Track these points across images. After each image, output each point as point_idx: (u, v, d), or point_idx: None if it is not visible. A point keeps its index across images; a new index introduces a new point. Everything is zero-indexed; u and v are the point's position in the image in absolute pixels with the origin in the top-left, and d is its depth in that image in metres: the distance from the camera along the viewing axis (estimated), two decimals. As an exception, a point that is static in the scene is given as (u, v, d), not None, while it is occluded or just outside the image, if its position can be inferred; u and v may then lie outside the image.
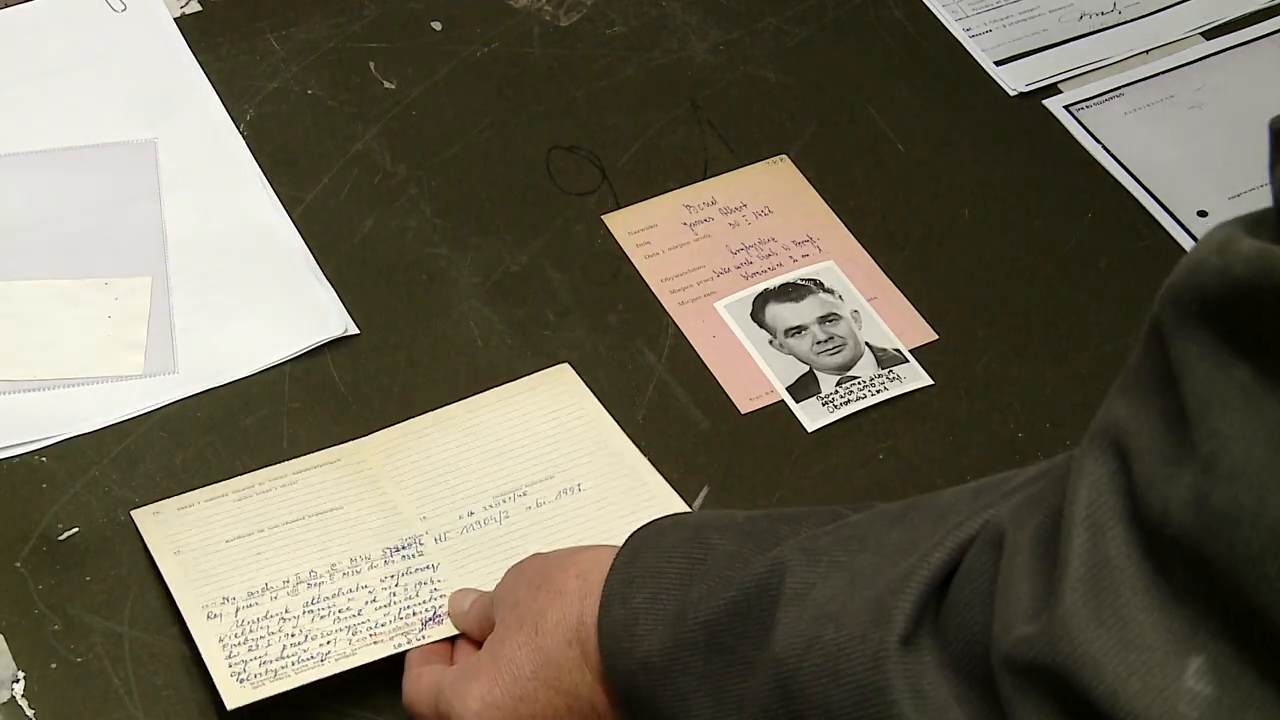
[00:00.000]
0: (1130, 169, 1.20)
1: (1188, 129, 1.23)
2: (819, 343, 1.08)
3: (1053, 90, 1.25)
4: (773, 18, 1.28)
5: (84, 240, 1.09)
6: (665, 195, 1.16)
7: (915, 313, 1.11)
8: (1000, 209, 1.18)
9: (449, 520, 0.96)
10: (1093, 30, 1.29)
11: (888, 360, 1.08)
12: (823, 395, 1.06)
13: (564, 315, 1.09)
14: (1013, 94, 1.25)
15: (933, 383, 1.07)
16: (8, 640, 0.92)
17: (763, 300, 1.10)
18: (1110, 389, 0.62)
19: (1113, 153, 1.21)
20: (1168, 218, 1.18)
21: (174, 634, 0.93)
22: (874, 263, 1.13)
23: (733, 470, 1.02)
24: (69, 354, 1.04)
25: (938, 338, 1.10)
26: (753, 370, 1.07)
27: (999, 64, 1.27)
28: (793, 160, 1.19)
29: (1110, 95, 1.25)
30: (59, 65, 1.19)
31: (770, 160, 1.19)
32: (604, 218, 1.14)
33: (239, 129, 1.16)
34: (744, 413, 1.05)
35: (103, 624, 0.93)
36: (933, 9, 1.30)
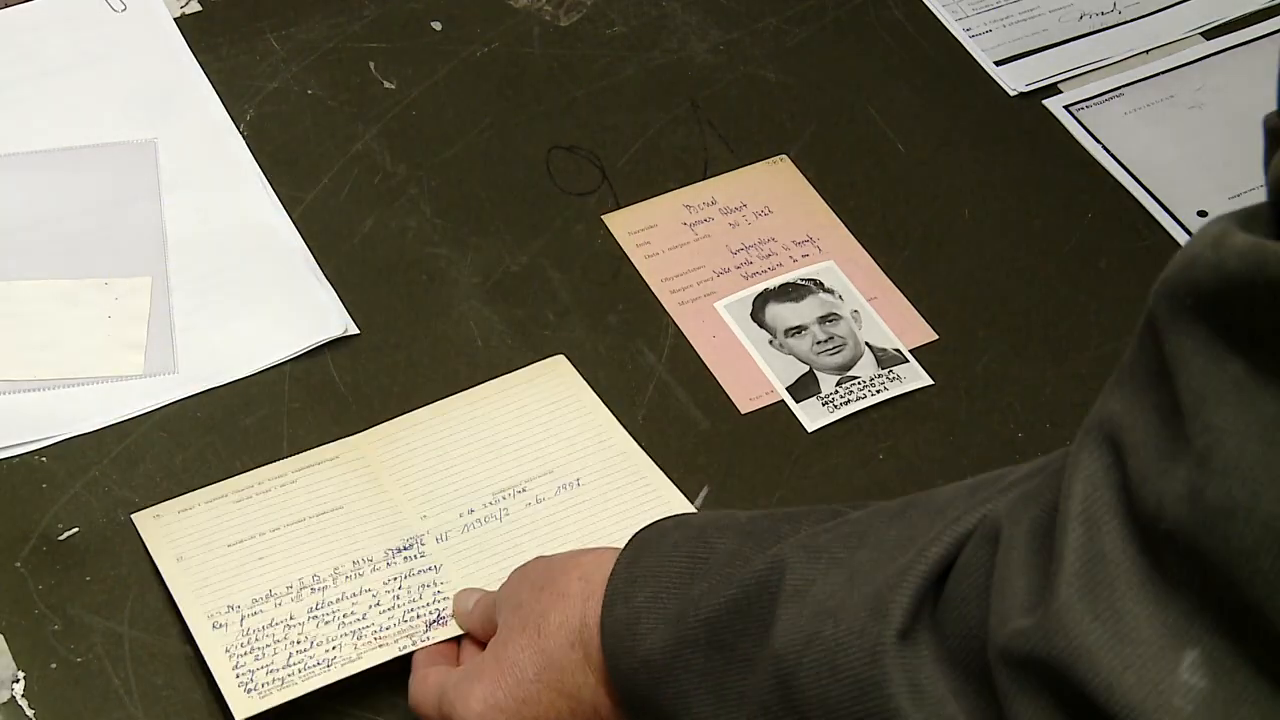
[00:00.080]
0: (1130, 169, 1.20)
1: (1188, 129, 1.23)
2: (819, 343, 1.08)
3: (1053, 90, 1.25)
4: (773, 18, 1.28)
5: (84, 240, 1.09)
6: (665, 195, 1.16)
7: (915, 313, 1.11)
8: (1000, 209, 1.18)
9: (449, 519, 0.96)
10: (1093, 30, 1.29)
11: (888, 360, 1.08)
12: (823, 395, 1.06)
13: (564, 315, 1.09)
14: (1013, 94, 1.25)
15: (933, 383, 1.07)
16: (8, 640, 0.92)
17: (763, 300, 1.10)
18: (1105, 384, 0.62)
19: (1113, 153, 1.21)
20: (1168, 218, 1.18)
21: (174, 634, 0.93)
22: (874, 263, 1.13)
23: (733, 470, 1.02)
24: (69, 354, 1.04)
25: (938, 338, 1.10)
26: (753, 370, 1.07)
27: (999, 64, 1.27)
28: (793, 160, 1.18)
29: (1110, 95, 1.25)
30: (59, 65, 1.19)
31: (770, 160, 1.19)
32: (604, 218, 1.14)
33: (239, 129, 1.16)
34: (744, 413, 1.05)
35: (103, 624, 0.93)
36: (933, 9, 1.30)
